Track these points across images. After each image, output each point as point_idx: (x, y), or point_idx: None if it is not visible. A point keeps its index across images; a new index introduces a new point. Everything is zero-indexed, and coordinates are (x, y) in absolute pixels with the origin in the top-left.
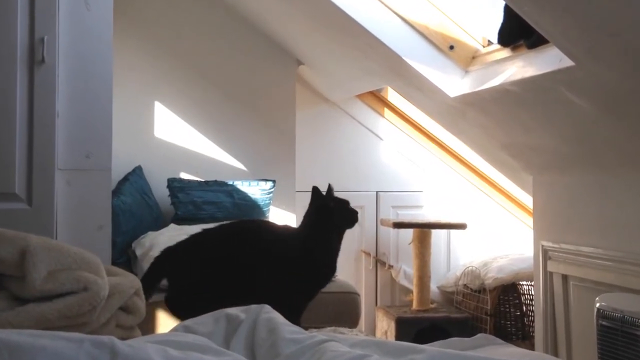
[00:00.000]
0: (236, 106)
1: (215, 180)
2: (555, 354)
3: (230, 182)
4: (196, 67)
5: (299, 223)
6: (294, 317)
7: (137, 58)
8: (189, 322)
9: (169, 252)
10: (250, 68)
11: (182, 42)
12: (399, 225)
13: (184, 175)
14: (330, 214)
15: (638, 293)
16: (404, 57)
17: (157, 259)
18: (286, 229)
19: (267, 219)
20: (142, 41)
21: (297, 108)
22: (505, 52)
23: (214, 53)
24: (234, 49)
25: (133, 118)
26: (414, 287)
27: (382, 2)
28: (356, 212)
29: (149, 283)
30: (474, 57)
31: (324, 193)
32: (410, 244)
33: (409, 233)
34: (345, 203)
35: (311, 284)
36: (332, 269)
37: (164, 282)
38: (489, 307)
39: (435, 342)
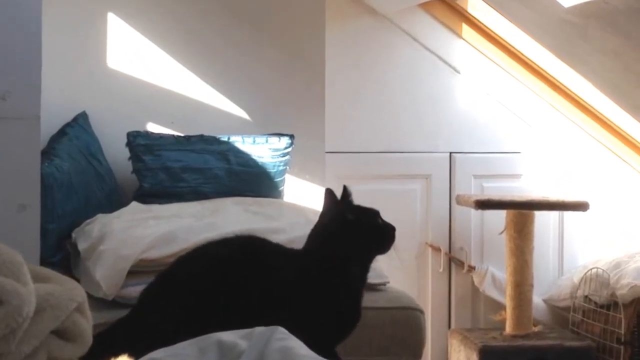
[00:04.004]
0: (232, 21)
1: (202, 136)
2: None
3: (225, 138)
4: None
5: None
6: None
7: None
8: (158, 353)
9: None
10: None
11: None
12: (484, 204)
13: (153, 128)
14: (348, 232)
15: None
16: None
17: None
18: (284, 253)
19: (262, 238)
20: None
21: (327, 24)
22: None
23: None
24: None
25: (74, 39)
26: (507, 301)
27: None
28: (391, 229)
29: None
30: None
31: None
32: (501, 233)
33: (500, 217)
34: (372, 215)
35: (322, 337)
36: (354, 313)
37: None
38: (623, 331)
39: None
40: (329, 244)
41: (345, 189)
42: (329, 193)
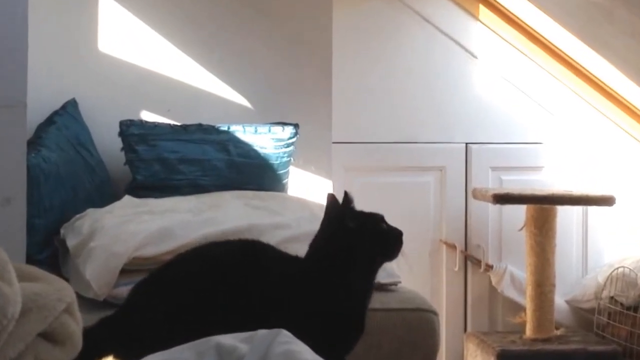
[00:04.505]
0: (232, 2)
1: (200, 125)
2: None
3: (225, 128)
4: None
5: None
6: None
7: None
8: (155, 358)
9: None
10: None
11: None
12: (502, 198)
13: (147, 116)
14: (349, 241)
15: None
16: None
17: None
18: (286, 259)
19: (265, 243)
20: None
21: (334, 6)
22: None
23: None
24: None
25: (62, 21)
26: (527, 302)
27: None
28: (397, 234)
29: None
30: None
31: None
32: (521, 230)
33: (520, 212)
34: (375, 220)
35: (323, 345)
36: (357, 323)
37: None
38: None
39: None
40: (330, 254)
41: (346, 194)
42: (331, 199)
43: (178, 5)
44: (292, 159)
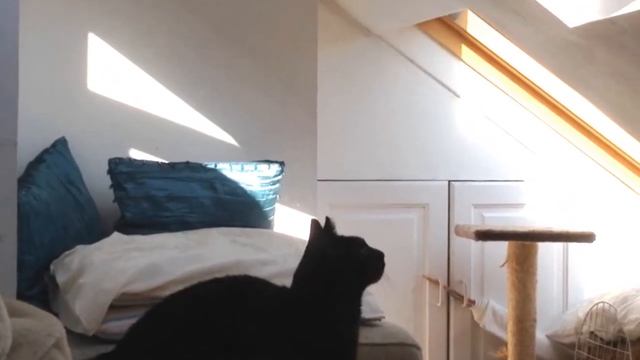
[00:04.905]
0: (219, 42)
1: (187, 163)
2: None
3: (212, 166)
4: None
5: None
6: None
7: None
8: None
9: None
10: None
11: None
12: (485, 235)
13: (136, 154)
14: (330, 269)
15: None
16: None
17: None
18: (274, 295)
19: (254, 278)
20: None
21: (320, 45)
22: None
23: None
24: None
25: (52, 61)
26: (508, 337)
27: None
28: (378, 257)
29: None
30: None
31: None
32: (503, 266)
33: (502, 248)
34: (356, 245)
35: None
36: (348, 354)
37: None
38: None
39: None
40: (314, 284)
41: (327, 220)
42: (314, 225)
43: (166, 45)
44: (278, 196)
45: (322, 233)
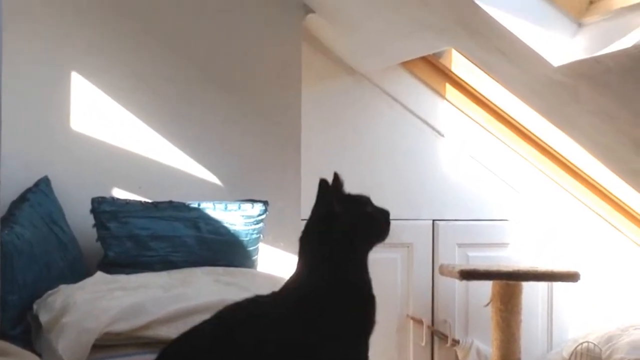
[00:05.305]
0: (203, 82)
1: (171, 202)
2: None
3: (195, 205)
4: (136, 17)
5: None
6: None
7: (41, 1)
8: None
9: None
10: (225, 17)
11: None
12: (469, 275)
13: (119, 193)
14: (337, 225)
15: None
16: (478, 2)
17: None
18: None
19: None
20: None
21: (304, 84)
22: None
23: None
24: None
25: (35, 100)
26: None
27: None
28: (385, 215)
29: None
30: (592, 2)
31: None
32: (487, 305)
33: (486, 288)
34: (362, 202)
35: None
36: (368, 297)
37: None
38: None
39: None
40: (321, 241)
41: (336, 177)
42: (322, 184)
43: (149, 84)
44: (261, 235)
45: (329, 191)
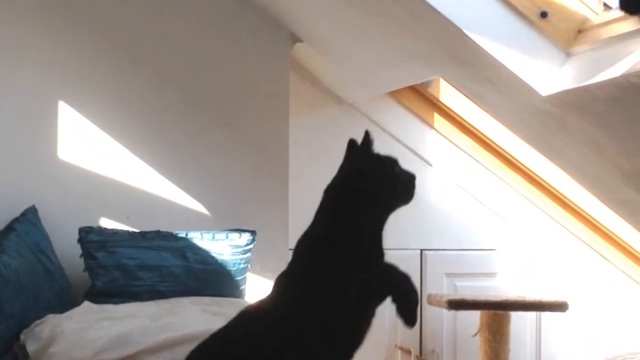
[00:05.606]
0: (190, 111)
1: (158, 231)
2: None
3: (183, 235)
4: (124, 46)
5: None
6: None
7: (28, 30)
8: None
9: None
10: (213, 46)
11: (101, 5)
12: (457, 304)
13: (106, 223)
14: (363, 181)
15: None
16: (466, 31)
17: None
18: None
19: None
20: (39, 3)
21: (292, 113)
22: (633, 23)
23: (153, 25)
24: (185, 16)
25: (22, 129)
26: None
27: None
28: (411, 177)
29: None
30: (580, 31)
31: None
32: (475, 335)
33: (474, 318)
34: (390, 162)
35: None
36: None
37: None
38: None
39: None
40: (345, 194)
41: (366, 134)
42: (351, 143)
43: (137, 113)
44: (249, 265)
45: (358, 149)
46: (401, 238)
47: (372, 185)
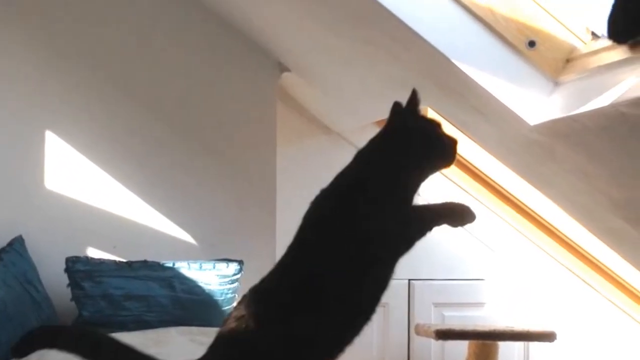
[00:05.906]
0: (177, 141)
1: (145, 261)
2: None
3: (170, 264)
4: (111, 76)
5: None
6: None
7: (16, 60)
8: None
9: None
10: (201, 76)
11: (88, 35)
12: (445, 334)
13: (93, 253)
14: (408, 137)
15: None
16: (454, 60)
17: None
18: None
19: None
20: (27, 33)
21: (279, 143)
22: (621, 52)
23: (140, 54)
24: (173, 46)
25: (9, 159)
26: None
27: None
28: (454, 142)
29: None
30: (568, 60)
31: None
32: None
33: (462, 348)
34: (434, 124)
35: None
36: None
37: None
38: None
39: None
40: (388, 147)
41: (414, 93)
42: (396, 106)
43: (124, 143)
44: (236, 295)
45: (404, 110)
46: None
47: (418, 142)
